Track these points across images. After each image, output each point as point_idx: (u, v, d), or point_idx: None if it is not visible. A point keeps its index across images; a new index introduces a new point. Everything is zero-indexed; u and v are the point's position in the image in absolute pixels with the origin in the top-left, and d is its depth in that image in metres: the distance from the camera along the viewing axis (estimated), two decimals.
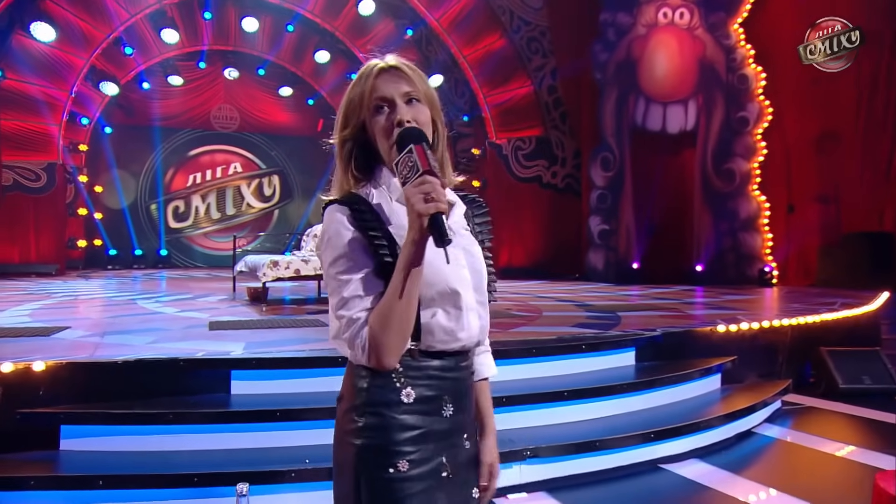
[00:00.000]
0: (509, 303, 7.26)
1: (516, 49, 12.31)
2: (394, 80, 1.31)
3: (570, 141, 12.64)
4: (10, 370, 3.30)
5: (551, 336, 4.46)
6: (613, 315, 5.91)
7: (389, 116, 1.28)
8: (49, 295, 8.11)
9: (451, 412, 1.30)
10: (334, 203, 1.27)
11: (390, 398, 1.25)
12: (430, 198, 1.11)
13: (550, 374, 3.98)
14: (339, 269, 1.22)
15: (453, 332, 1.29)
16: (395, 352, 1.21)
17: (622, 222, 11.29)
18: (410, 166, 1.15)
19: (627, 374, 4.22)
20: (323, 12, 13.35)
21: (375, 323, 1.18)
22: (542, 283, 10.98)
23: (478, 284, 1.36)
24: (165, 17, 12.92)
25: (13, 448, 3.24)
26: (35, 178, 12.17)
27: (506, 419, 3.57)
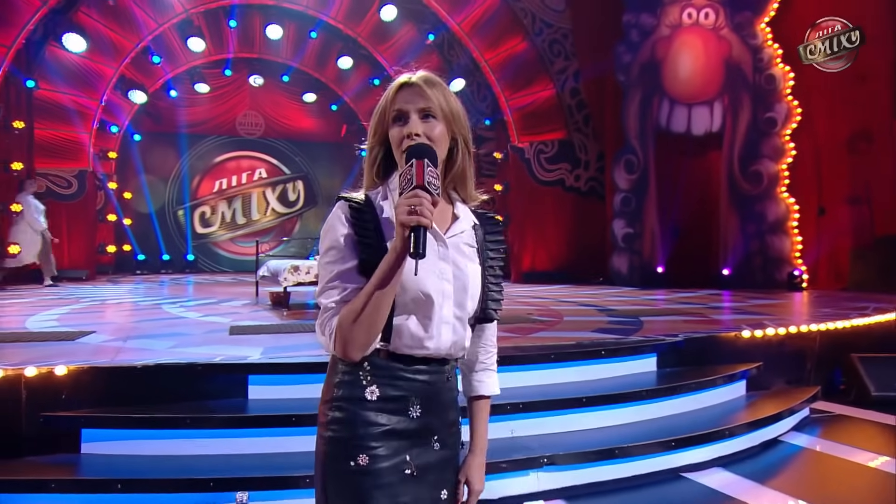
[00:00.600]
0: (530, 307, 7.21)
1: (538, 52, 12.24)
2: (412, 95, 1.38)
3: (594, 144, 12.52)
4: (33, 374, 3.37)
5: (571, 341, 4.40)
6: (636, 320, 5.83)
7: (402, 129, 1.36)
8: (78, 300, 8.27)
9: (418, 413, 1.35)
10: (341, 199, 1.37)
11: (356, 394, 1.33)
12: (415, 211, 1.18)
13: (569, 380, 3.93)
14: (327, 259, 1.33)
15: (421, 340, 1.34)
16: (359, 346, 1.28)
17: (646, 225, 11.15)
18: (408, 179, 1.23)
19: (648, 381, 4.14)
20: (346, 18, 13.45)
21: (345, 316, 1.26)
22: (565, 287, 10.89)
23: (461, 300, 1.39)
24: (192, 25, 13.14)
25: (36, 451, 3.30)
26: (67, 185, 12.45)
27: (523, 425, 3.54)
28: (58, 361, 3.54)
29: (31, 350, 4.14)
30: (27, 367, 3.36)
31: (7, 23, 9.93)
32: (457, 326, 1.37)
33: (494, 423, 3.45)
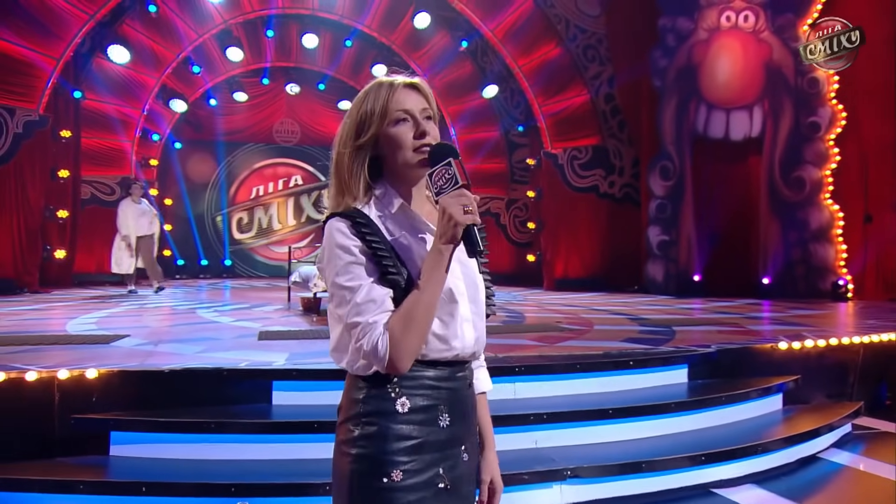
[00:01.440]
0: (560, 315, 7.12)
1: (572, 58, 12.14)
2: (416, 96, 1.37)
3: (629, 150, 12.34)
4: (66, 377, 3.45)
5: (598, 351, 4.32)
6: (668, 330, 5.69)
7: (414, 128, 1.33)
8: (118, 304, 8.50)
9: (447, 423, 1.32)
10: (335, 217, 1.31)
11: (386, 408, 1.28)
12: (469, 210, 1.18)
13: (595, 390, 3.86)
14: (347, 278, 1.26)
15: (447, 341, 1.31)
16: (412, 355, 1.25)
17: (683, 233, 10.92)
18: (448, 178, 1.22)
19: (678, 393, 4.03)
20: (380, 27, 13.57)
21: (397, 326, 1.22)
22: (598, 295, 10.73)
23: (474, 296, 1.39)
24: (231, 36, 13.42)
25: (67, 452, 3.38)
26: (110, 191, 12.85)
27: (547, 437, 3.48)
28: (90, 365, 3.63)
29: (67, 353, 4.26)
30: (60, 370, 3.45)
31: (56, 36, 10.31)
32: (476, 323, 1.37)
33: (517, 433, 3.44)
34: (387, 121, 1.34)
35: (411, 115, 1.34)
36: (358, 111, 1.36)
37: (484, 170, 14.40)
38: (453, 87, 14.03)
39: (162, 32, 12.46)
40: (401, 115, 1.34)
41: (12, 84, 9.97)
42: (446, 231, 1.19)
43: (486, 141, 14.25)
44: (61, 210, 11.01)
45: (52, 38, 10.25)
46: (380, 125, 1.34)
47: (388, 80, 1.39)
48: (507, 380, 3.73)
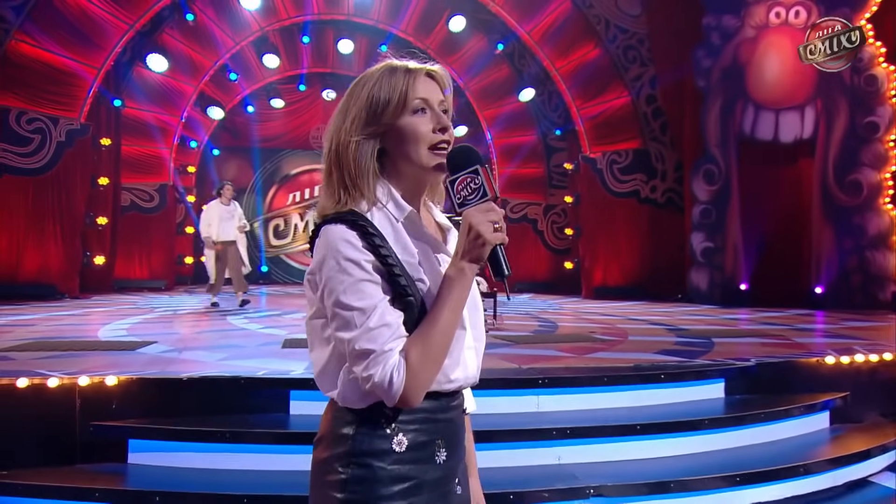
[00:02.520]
0: (594, 325, 6.98)
1: (612, 59, 11.96)
2: (434, 86, 1.22)
3: (671, 153, 12.07)
4: (86, 383, 3.53)
5: (629, 363, 4.20)
6: (707, 341, 5.51)
7: (434, 121, 1.18)
8: (152, 309, 8.71)
9: (444, 458, 1.21)
10: (336, 222, 1.14)
11: (380, 447, 1.15)
12: (498, 227, 1.08)
13: (623, 405, 3.74)
14: (356, 297, 1.10)
15: (450, 372, 1.20)
16: (426, 388, 1.13)
17: (728, 239, 10.62)
18: (474, 189, 1.10)
19: (713, 408, 3.88)
20: (415, 31, 13.63)
21: (416, 355, 1.09)
22: (638, 304, 10.51)
23: (475, 321, 1.29)
24: (268, 42, 13.69)
25: (88, 459, 3.45)
26: (148, 198, 13.23)
27: (570, 452, 3.39)
28: (111, 371, 3.70)
29: (92, 359, 4.36)
30: (81, 377, 3.52)
31: (97, 46, 10.69)
32: (478, 349, 1.27)
33: (539, 448, 3.36)
34: (403, 110, 1.18)
35: (430, 106, 1.19)
36: (368, 95, 1.19)
37: (521, 175, 14.29)
38: (489, 91, 13.99)
39: (200, 40, 12.79)
40: (419, 105, 1.18)
41: (55, 94, 10.38)
42: (472, 249, 1.07)
43: (522, 145, 14.15)
44: (101, 217, 11.37)
45: (94, 47, 10.64)
46: (394, 114, 1.18)
47: (403, 64, 1.22)
48: (530, 392, 3.66)
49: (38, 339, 5.28)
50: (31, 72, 9.99)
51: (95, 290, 11.29)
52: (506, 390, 3.64)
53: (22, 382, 3.48)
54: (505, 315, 8.18)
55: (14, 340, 5.20)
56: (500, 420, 3.53)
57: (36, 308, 8.37)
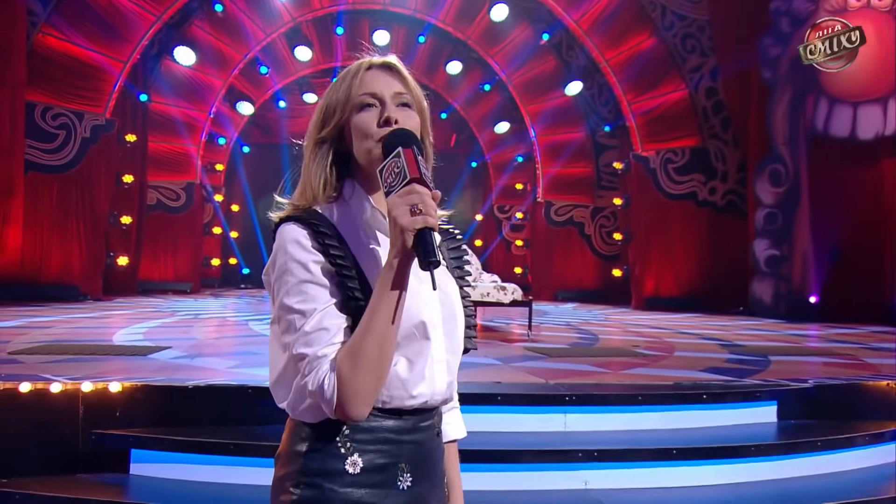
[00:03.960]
0: (640, 339, 6.85)
1: (668, 48, 11.76)
2: (387, 77, 1.25)
3: (733, 152, 11.79)
4: (89, 389, 3.62)
5: (669, 381, 4.10)
6: (762, 359, 5.34)
7: (377, 114, 1.20)
8: (174, 313, 8.93)
9: (409, 483, 1.18)
10: (291, 221, 1.17)
11: (332, 467, 1.14)
12: (418, 210, 1.04)
13: (658, 426, 3.65)
14: (298, 299, 1.12)
15: (413, 387, 1.17)
16: (366, 398, 1.10)
17: (797, 246, 10.31)
18: (397, 173, 1.08)
19: (763, 434, 3.75)
20: (455, 21, 13.67)
21: (346, 361, 1.08)
22: (694, 317, 10.27)
23: (451, 331, 1.25)
24: (300, 34, 13.92)
25: (90, 468, 3.54)
26: (175, 197, 13.60)
27: (597, 477, 3.32)
28: (118, 377, 3.80)
29: (102, 364, 4.49)
30: (84, 383, 3.62)
31: (123, 39, 11.06)
32: (450, 363, 1.23)
33: (564, 471, 3.30)
34: (350, 107, 1.22)
35: (379, 100, 1.21)
36: (328, 97, 1.26)
37: (567, 175, 14.17)
38: (534, 85, 13.92)
39: (230, 32, 13.09)
40: (366, 100, 1.21)
41: (81, 88, 10.78)
42: (395, 241, 1.05)
43: (569, 143, 14.03)
44: (125, 216, 11.72)
45: (120, 40, 11.01)
46: (343, 113, 1.22)
47: (364, 60, 1.27)
48: (557, 410, 3.60)
49: (50, 342, 5.46)
50: (57, 66, 10.40)
51: (119, 291, 11.65)
52: (529, 407, 3.59)
53: (25, 387, 3.59)
54: (542, 325, 8.11)
55: (26, 343, 5.40)
56: (523, 439, 3.49)
57: (56, 310, 8.68)
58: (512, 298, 6.46)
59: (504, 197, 16.17)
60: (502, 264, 15.86)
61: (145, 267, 12.93)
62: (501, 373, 4.50)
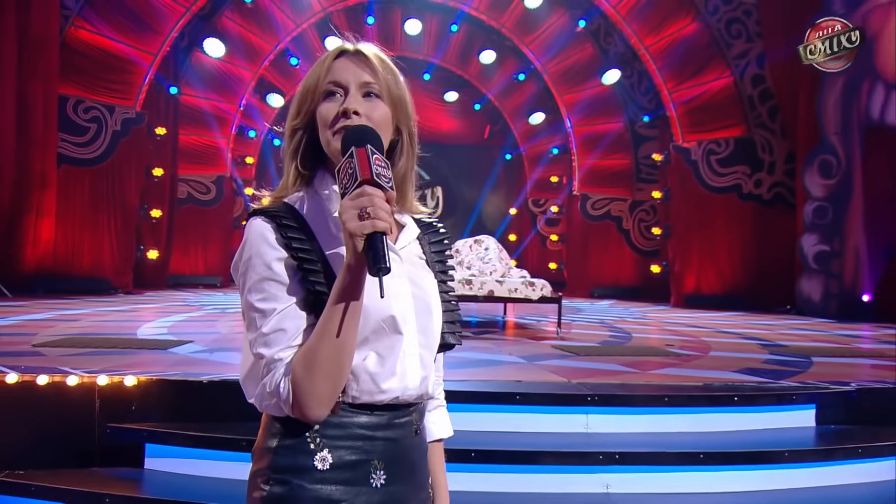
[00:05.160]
0: (675, 338, 6.72)
1: (712, 34, 11.50)
2: (354, 65, 1.23)
3: (781, 142, 11.49)
4: (105, 383, 3.69)
5: (699, 381, 4.01)
6: (804, 361, 5.18)
7: (336, 105, 1.20)
8: (201, 307, 9.09)
9: (382, 481, 1.18)
10: (258, 215, 1.18)
11: (302, 463, 1.14)
12: (366, 213, 1.02)
13: (685, 429, 3.57)
14: (259, 297, 1.14)
15: (383, 382, 1.17)
16: (322, 401, 1.11)
17: (848, 242, 10.00)
18: (350, 174, 1.06)
19: (798, 439, 3.63)
20: (489, 8, 13.59)
21: (300, 366, 1.09)
22: (737, 315, 10.05)
23: (425, 325, 1.24)
24: (331, 24, 14.01)
25: (105, 462, 3.61)
26: (205, 190, 13.84)
27: (619, 481, 3.26)
28: (134, 371, 3.87)
29: (122, 357, 4.58)
30: (100, 376, 3.70)
31: (153, 31, 11.28)
32: (424, 358, 1.23)
33: (584, 474, 3.26)
34: (318, 95, 1.22)
35: (344, 89, 1.20)
36: (302, 84, 1.26)
37: (604, 167, 14.00)
38: (570, 74, 13.79)
39: (259, 23, 13.25)
40: (330, 88, 1.20)
41: (112, 81, 11.04)
42: (347, 244, 1.04)
43: (606, 134, 13.85)
44: (155, 209, 11.97)
45: (150, 32, 11.24)
46: (312, 101, 1.22)
47: (341, 44, 1.27)
48: (578, 410, 3.54)
49: (74, 336, 5.60)
50: (89, 59, 10.67)
51: (150, 285, 11.91)
52: (549, 407, 3.54)
53: (42, 380, 3.68)
54: (574, 323, 8.02)
55: (52, 336, 5.55)
56: (542, 440, 3.45)
57: (86, 303, 8.91)
58: (540, 295, 6.40)
59: (539, 190, 16.05)
60: (537, 259, 15.76)
61: (176, 261, 13.20)
62: (524, 371, 4.46)
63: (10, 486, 3.37)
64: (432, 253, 1.35)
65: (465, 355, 4.98)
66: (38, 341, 5.16)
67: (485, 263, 6.89)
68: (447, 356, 1.41)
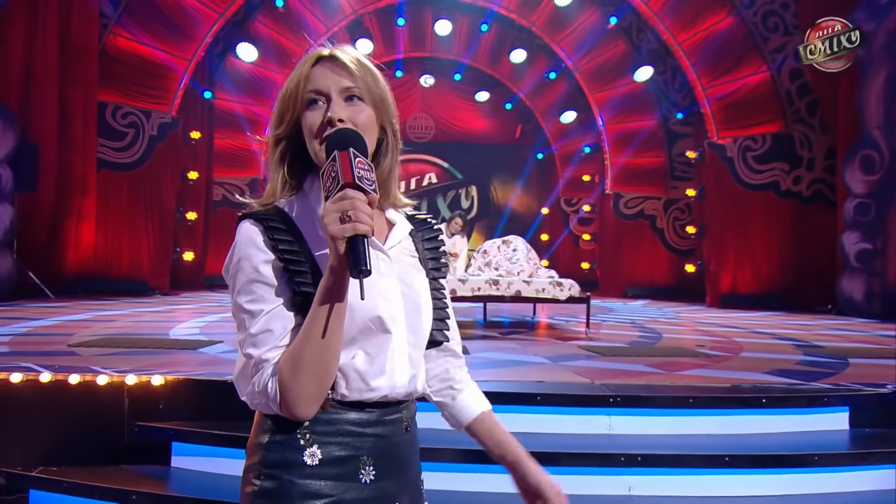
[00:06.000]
0: (706, 338, 6.61)
1: (748, 27, 11.27)
2: (333, 71, 1.24)
3: (821, 137, 11.20)
4: (133, 382, 3.78)
5: (726, 383, 3.93)
6: (840, 362, 5.05)
7: (319, 113, 1.22)
8: None
9: (371, 477, 1.20)
10: (247, 218, 1.22)
11: (291, 459, 1.17)
12: (347, 217, 1.04)
13: (710, 431, 3.50)
14: (247, 299, 1.17)
15: (372, 380, 1.19)
16: (309, 401, 1.14)
17: (892, 240, 9.70)
18: (333, 177, 1.08)
19: (830, 442, 3.54)
20: (519, 7, 13.52)
21: (286, 366, 1.12)
22: (775, 315, 9.83)
23: (414, 324, 1.26)
24: (361, 26, 14.12)
25: (133, 460, 3.70)
26: (240, 193, 14.04)
27: (641, 483, 3.23)
28: (163, 371, 3.95)
29: (152, 357, 4.68)
30: (128, 375, 3.78)
31: (188, 37, 11.50)
32: (413, 357, 1.25)
33: (606, 475, 3.23)
34: (300, 104, 1.24)
35: (325, 96, 1.22)
36: (282, 91, 1.28)
37: (637, 165, 13.82)
38: (601, 71, 13.66)
39: (291, 27, 13.38)
40: (311, 97, 1.22)
41: (149, 87, 11.29)
42: (330, 247, 1.06)
43: (639, 131, 13.67)
44: (190, 212, 12.20)
45: (185, 38, 11.46)
46: (294, 109, 1.24)
47: (318, 50, 1.28)
48: (601, 412, 3.51)
49: (109, 336, 5.74)
50: (126, 65, 10.93)
51: (187, 286, 12.13)
52: (570, 408, 3.51)
53: (74, 379, 3.79)
54: (605, 323, 7.94)
55: (88, 336, 5.69)
56: (563, 441, 3.42)
57: (123, 304, 9.13)
58: (568, 295, 6.34)
59: (571, 189, 15.92)
60: (569, 259, 15.64)
61: (211, 262, 13.41)
62: (547, 372, 4.43)
63: (45, 481, 3.48)
64: (425, 250, 1.36)
65: (491, 356, 4.98)
66: (74, 341, 5.30)
67: (512, 264, 6.86)
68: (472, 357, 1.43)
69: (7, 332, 5.82)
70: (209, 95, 12.59)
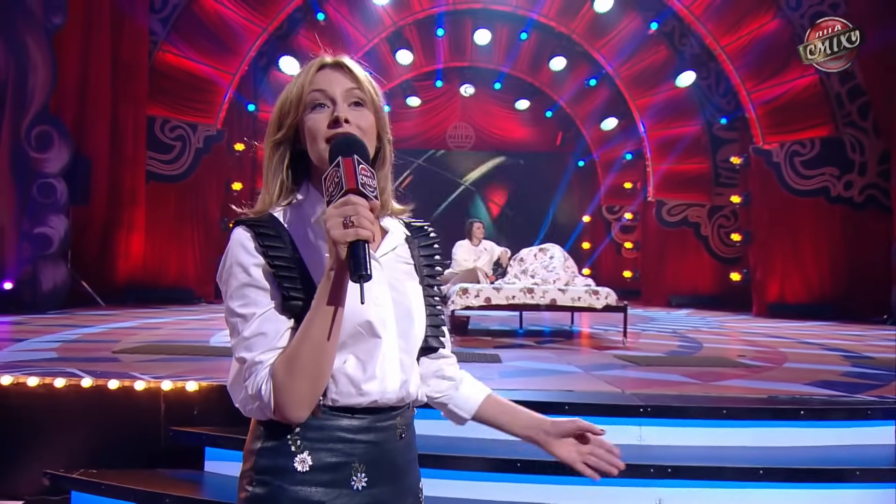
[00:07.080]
0: (749, 348, 6.43)
1: (794, 29, 10.99)
2: (338, 76, 1.27)
3: (874, 141, 10.83)
4: (169, 388, 3.88)
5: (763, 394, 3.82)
6: (889, 374, 4.85)
7: (328, 113, 1.23)
8: None
9: (364, 484, 1.20)
10: (240, 225, 1.24)
11: (282, 465, 1.18)
12: (350, 222, 1.05)
13: (745, 443, 3.40)
14: (240, 303, 1.19)
15: (362, 385, 1.20)
16: (303, 403, 1.15)
17: None
18: (336, 183, 1.10)
19: (874, 457, 3.40)
20: (558, 15, 13.47)
21: (281, 367, 1.13)
22: (825, 325, 9.52)
23: (405, 330, 1.27)
24: (402, 38, 14.26)
25: (168, 464, 3.79)
26: None
27: (672, 496, 3.16)
28: (196, 377, 4.03)
29: (190, 363, 4.78)
30: (164, 381, 3.88)
31: (232, 52, 11.79)
32: (404, 362, 1.26)
33: (636, 487, 3.17)
34: (303, 107, 1.25)
35: (331, 98, 1.24)
36: (282, 97, 1.30)
37: (680, 171, 13.58)
38: (643, 77, 13.50)
39: (333, 40, 13.56)
40: (317, 98, 1.24)
41: (195, 101, 11.61)
42: (331, 251, 1.07)
43: (682, 137, 13.43)
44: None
45: (230, 53, 11.75)
46: (296, 113, 1.26)
47: (323, 58, 1.31)
48: (631, 422, 3.45)
49: (152, 343, 5.89)
50: (174, 80, 11.28)
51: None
52: (599, 417, 3.45)
53: (113, 384, 3.90)
54: (644, 332, 7.81)
55: (133, 343, 5.85)
56: None
57: (169, 312, 9.36)
58: (605, 303, 6.26)
59: (612, 196, 15.75)
60: (611, 268, 15.45)
61: None
62: (578, 381, 4.37)
63: (85, 483, 3.59)
64: (421, 257, 1.37)
65: (523, 364, 4.94)
66: (118, 348, 5.46)
67: (549, 272, 6.80)
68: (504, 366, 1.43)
69: (57, 338, 6.03)
70: (253, 108, 12.86)
